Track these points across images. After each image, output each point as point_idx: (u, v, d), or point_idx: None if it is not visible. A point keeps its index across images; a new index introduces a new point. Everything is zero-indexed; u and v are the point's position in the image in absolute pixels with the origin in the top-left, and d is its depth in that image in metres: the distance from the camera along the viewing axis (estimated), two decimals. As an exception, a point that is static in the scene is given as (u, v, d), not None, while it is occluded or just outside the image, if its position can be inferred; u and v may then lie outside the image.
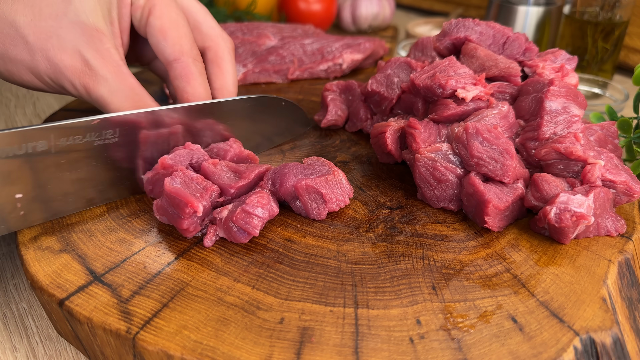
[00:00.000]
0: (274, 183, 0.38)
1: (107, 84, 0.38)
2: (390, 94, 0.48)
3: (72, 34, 0.38)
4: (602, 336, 0.29)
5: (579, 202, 0.34)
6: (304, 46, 0.65)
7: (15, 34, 0.37)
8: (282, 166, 0.38)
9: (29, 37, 0.38)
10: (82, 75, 0.38)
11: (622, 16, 0.69)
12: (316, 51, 0.65)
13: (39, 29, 0.38)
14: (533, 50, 0.46)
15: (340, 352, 0.27)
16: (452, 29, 0.47)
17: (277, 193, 0.38)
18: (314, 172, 0.38)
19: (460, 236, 0.37)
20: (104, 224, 0.37)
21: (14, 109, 0.66)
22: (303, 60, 0.64)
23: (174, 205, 0.35)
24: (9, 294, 0.39)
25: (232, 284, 0.32)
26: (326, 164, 0.39)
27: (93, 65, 0.38)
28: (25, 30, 0.37)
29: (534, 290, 0.32)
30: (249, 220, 0.35)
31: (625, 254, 0.35)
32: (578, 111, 0.40)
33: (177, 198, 0.34)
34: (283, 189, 0.37)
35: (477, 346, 0.28)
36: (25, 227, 0.36)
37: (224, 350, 0.27)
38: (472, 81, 0.41)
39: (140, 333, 0.28)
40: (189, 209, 0.34)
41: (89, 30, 0.38)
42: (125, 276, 0.32)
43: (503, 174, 0.37)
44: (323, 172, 0.38)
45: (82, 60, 0.38)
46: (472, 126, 0.37)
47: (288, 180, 0.37)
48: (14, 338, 0.35)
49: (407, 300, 0.31)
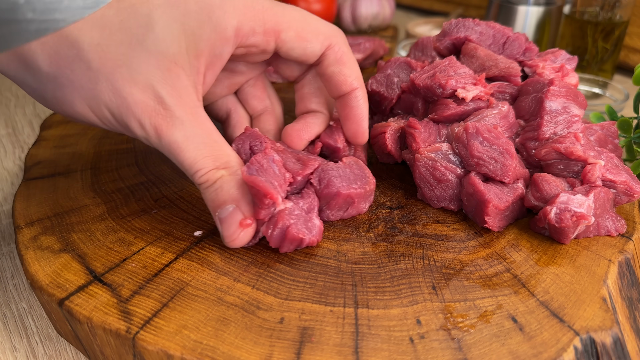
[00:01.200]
0: (321, 181, 0.36)
1: (182, 127, 0.32)
2: (390, 94, 0.48)
3: (147, 66, 0.31)
4: (602, 336, 0.29)
5: (579, 202, 0.34)
6: None
7: (76, 56, 0.30)
8: (329, 167, 0.36)
9: (92, 63, 0.31)
10: (154, 115, 0.32)
11: (622, 16, 0.69)
12: None
13: (107, 55, 0.31)
14: (533, 50, 0.46)
15: (340, 352, 0.27)
16: (452, 29, 0.47)
17: (318, 191, 0.36)
18: (356, 177, 0.37)
19: (460, 236, 0.37)
20: (104, 223, 0.37)
21: (13, 109, 0.66)
22: None
23: (252, 194, 0.33)
24: (9, 294, 0.39)
25: (232, 283, 0.32)
26: (366, 172, 0.38)
27: (169, 104, 0.32)
28: (90, 54, 0.31)
29: (534, 290, 0.32)
30: (304, 232, 0.34)
31: (626, 253, 0.35)
32: (578, 111, 0.40)
33: (254, 188, 0.32)
34: (326, 192, 0.36)
35: (477, 346, 0.28)
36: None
37: (224, 350, 0.27)
38: (472, 81, 0.41)
39: (140, 333, 0.28)
40: (268, 200, 0.32)
41: (166, 62, 0.32)
42: (125, 276, 0.32)
43: (503, 174, 0.37)
44: (364, 181, 0.37)
45: (155, 96, 0.32)
46: (472, 126, 0.37)
47: (334, 185, 0.36)
48: (13, 338, 0.35)
49: (407, 300, 0.31)
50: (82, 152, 0.48)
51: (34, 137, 0.59)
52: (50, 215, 0.38)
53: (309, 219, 0.34)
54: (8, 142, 0.58)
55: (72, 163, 0.46)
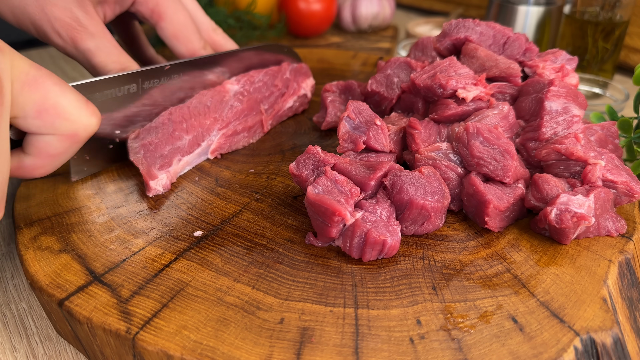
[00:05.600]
0: (394, 186, 0.35)
1: (94, 39, 0.43)
2: (390, 94, 0.48)
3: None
4: (602, 336, 0.29)
5: (580, 203, 0.34)
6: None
7: None
8: (403, 173, 0.35)
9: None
10: (71, 29, 0.43)
11: (622, 16, 0.69)
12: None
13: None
14: (533, 50, 0.46)
15: (340, 353, 0.27)
16: (453, 30, 0.47)
17: (390, 196, 0.35)
18: (433, 190, 0.36)
19: (461, 236, 0.37)
20: (104, 224, 0.37)
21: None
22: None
23: (320, 213, 0.34)
24: (9, 294, 0.39)
25: (232, 284, 0.32)
26: (443, 186, 0.36)
27: (83, 22, 0.43)
28: None
29: (534, 291, 0.32)
30: (379, 241, 0.33)
31: (626, 254, 0.35)
32: (578, 111, 0.40)
33: (322, 206, 0.33)
34: (398, 197, 0.35)
35: (477, 346, 0.28)
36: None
37: (224, 350, 0.27)
38: (473, 81, 0.41)
39: (140, 333, 0.28)
40: (337, 217, 0.33)
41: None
42: (125, 276, 0.32)
43: (504, 174, 0.37)
44: (441, 195, 0.36)
45: (73, 16, 0.43)
46: (472, 126, 0.37)
47: (406, 192, 0.35)
48: (13, 338, 0.35)
49: (407, 301, 0.31)
50: (82, 152, 0.48)
51: (34, 137, 0.59)
52: (50, 216, 0.38)
53: (389, 224, 0.34)
54: (8, 142, 0.58)
55: (72, 163, 0.46)
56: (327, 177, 0.35)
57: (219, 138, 0.47)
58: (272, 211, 0.39)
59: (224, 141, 0.47)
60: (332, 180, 0.35)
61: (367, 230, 0.33)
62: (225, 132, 0.47)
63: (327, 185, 0.35)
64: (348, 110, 0.40)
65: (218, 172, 0.45)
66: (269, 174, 0.44)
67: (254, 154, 0.48)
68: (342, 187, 0.35)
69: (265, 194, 0.41)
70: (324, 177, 0.35)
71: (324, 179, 0.35)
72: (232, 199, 0.41)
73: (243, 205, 0.40)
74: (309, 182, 0.36)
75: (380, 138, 0.40)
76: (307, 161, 0.37)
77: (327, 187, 0.35)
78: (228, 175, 0.44)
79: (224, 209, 0.39)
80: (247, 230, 0.37)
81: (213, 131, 0.46)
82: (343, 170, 0.36)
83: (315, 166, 0.37)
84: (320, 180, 0.35)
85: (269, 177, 0.44)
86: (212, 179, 0.44)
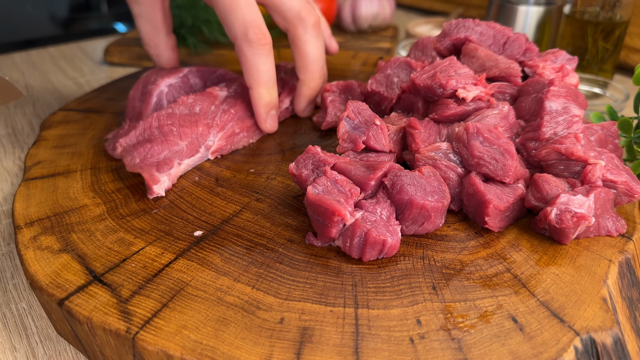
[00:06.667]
0: (394, 186, 0.35)
1: (139, 6, 0.49)
2: (390, 94, 0.48)
3: None
4: (602, 336, 0.29)
5: (580, 203, 0.34)
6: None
7: None
8: (403, 173, 0.35)
9: None
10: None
11: (622, 16, 0.69)
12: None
13: None
14: (533, 50, 0.46)
15: (340, 352, 0.27)
16: (453, 30, 0.47)
17: (390, 196, 0.35)
18: (433, 190, 0.35)
19: (461, 236, 0.37)
20: (104, 224, 0.37)
21: (13, 109, 0.66)
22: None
23: (320, 213, 0.34)
24: (9, 294, 0.39)
25: (232, 284, 0.32)
26: (443, 186, 0.36)
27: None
28: None
29: (534, 290, 0.32)
30: (380, 242, 0.33)
31: (626, 253, 0.35)
32: (578, 111, 0.40)
33: (322, 206, 0.33)
34: (398, 197, 0.35)
35: (477, 346, 0.28)
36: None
37: (224, 350, 0.27)
38: (473, 81, 0.41)
39: (140, 333, 0.28)
40: (337, 217, 0.33)
41: None
42: (124, 276, 0.32)
43: (504, 174, 0.37)
44: (441, 194, 0.36)
45: None
46: (472, 126, 0.37)
47: (406, 191, 0.35)
48: (13, 338, 0.35)
49: (407, 300, 0.31)
50: (82, 152, 0.48)
51: (33, 137, 0.59)
52: (50, 215, 0.38)
53: (389, 224, 0.34)
54: (8, 142, 0.58)
55: (71, 163, 0.46)
56: (327, 177, 0.35)
57: (219, 139, 0.47)
58: (272, 211, 0.39)
59: (225, 142, 0.47)
60: (331, 180, 0.35)
61: (367, 230, 0.33)
62: (224, 133, 0.47)
63: (327, 185, 0.35)
64: (348, 110, 0.40)
65: (218, 172, 0.45)
66: (269, 174, 0.44)
67: (254, 153, 0.48)
68: (341, 187, 0.35)
69: (265, 193, 0.41)
70: (323, 177, 0.35)
71: (323, 179, 0.35)
72: (232, 198, 0.41)
73: (243, 205, 0.40)
74: (309, 182, 0.36)
75: (380, 138, 0.40)
76: (306, 161, 0.37)
77: (326, 187, 0.35)
78: (228, 175, 0.44)
79: (224, 209, 0.39)
80: (247, 230, 0.37)
81: (209, 136, 0.46)
82: (343, 170, 0.36)
83: (315, 166, 0.37)
84: (320, 180, 0.35)
85: (269, 177, 0.44)
86: (212, 179, 0.44)
